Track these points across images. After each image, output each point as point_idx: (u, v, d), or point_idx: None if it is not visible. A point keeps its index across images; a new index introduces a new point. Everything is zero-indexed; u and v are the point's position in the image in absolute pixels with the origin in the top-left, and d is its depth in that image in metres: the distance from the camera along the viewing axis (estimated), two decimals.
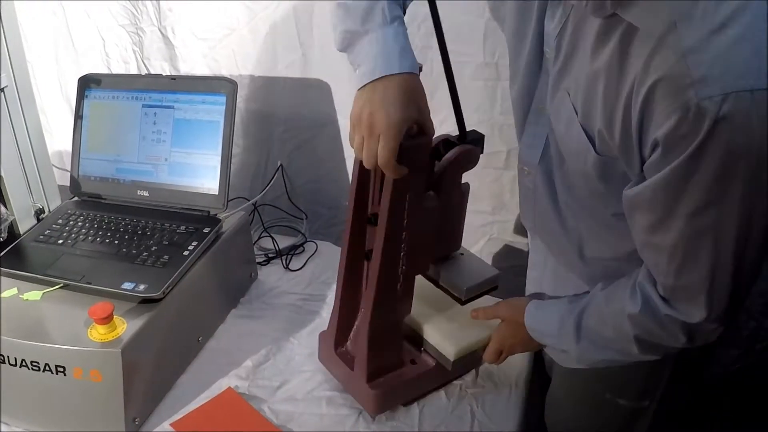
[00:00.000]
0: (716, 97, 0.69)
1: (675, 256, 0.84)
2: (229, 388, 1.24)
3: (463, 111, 1.55)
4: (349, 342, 1.23)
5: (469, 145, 1.07)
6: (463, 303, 1.19)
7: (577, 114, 0.90)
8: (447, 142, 1.09)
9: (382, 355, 1.17)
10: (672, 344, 0.94)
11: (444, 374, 1.24)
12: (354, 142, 0.98)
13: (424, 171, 1.05)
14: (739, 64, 0.70)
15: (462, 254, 1.23)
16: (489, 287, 1.21)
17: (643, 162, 0.81)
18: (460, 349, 1.20)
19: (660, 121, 0.74)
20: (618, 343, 0.99)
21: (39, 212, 1.44)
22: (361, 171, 1.08)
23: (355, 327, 1.21)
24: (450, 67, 0.99)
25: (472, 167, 1.10)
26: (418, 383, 1.22)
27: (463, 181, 1.14)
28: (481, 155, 1.58)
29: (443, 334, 1.22)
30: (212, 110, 1.39)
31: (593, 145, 0.88)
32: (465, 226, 1.71)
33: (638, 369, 1.12)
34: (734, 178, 0.74)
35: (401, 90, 0.93)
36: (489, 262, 1.50)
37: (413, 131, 0.98)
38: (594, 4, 0.80)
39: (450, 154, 1.06)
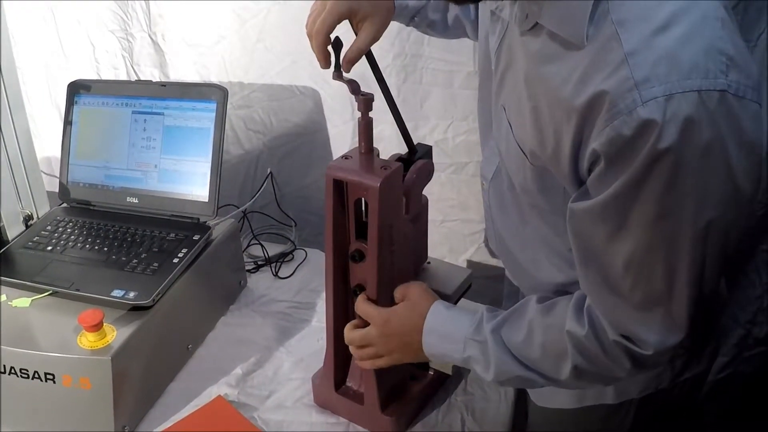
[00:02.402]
0: (660, 98, 0.65)
1: (629, 270, 0.77)
2: (219, 396, 1.23)
3: (453, 119, 1.58)
4: (348, 378, 1.21)
5: (423, 159, 1.08)
6: None
7: (512, 130, 0.88)
8: (399, 160, 1.08)
9: (389, 382, 1.17)
10: (612, 374, 0.88)
11: (443, 380, 1.26)
12: (308, 23, 1.00)
13: (401, 198, 1.05)
14: (685, 64, 0.66)
15: (429, 263, 1.23)
16: (467, 288, 1.22)
17: (577, 174, 0.77)
18: None
19: (600, 129, 0.69)
20: (545, 363, 0.91)
21: (27, 219, 1.43)
22: (336, 207, 1.04)
23: (352, 362, 1.20)
24: (388, 90, 1.01)
25: (429, 180, 1.11)
26: (423, 396, 1.23)
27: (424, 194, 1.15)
28: (470, 164, 1.61)
29: None
30: (202, 117, 1.39)
31: (527, 157, 0.85)
32: (454, 234, 1.73)
33: (599, 408, 1.08)
34: (685, 185, 0.69)
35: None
36: (477, 270, 1.51)
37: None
38: (518, 18, 0.80)
39: (412, 172, 1.05)
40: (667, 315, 0.79)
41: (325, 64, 1.00)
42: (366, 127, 1.03)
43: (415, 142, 1.10)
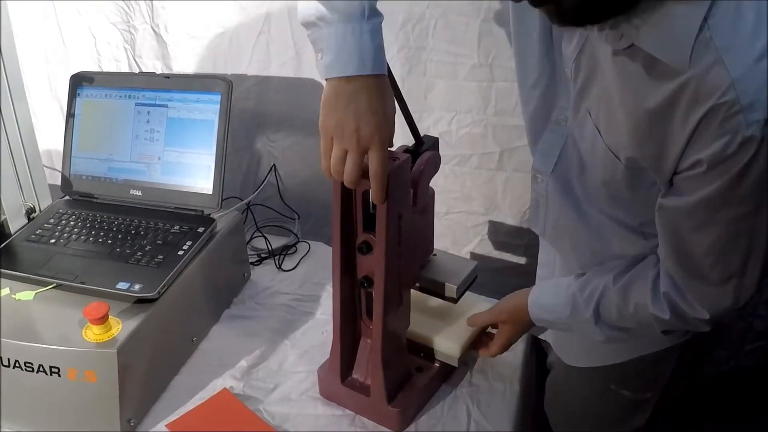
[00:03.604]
0: (762, 120, 0.73)
1: (710, 254, 0.87)
2: (225, 389, 1.23)
3: (457, 111, 1.57)
4: (354, 370, 1.21)
5: (430, 150, 1.07)
6: (455, 302, 1.20)
7: (601, 135, 0.92)
8: (407, 151, 1.07)
9: (395, 374, 1.17)
10: (695, 330, 1.00)
11: (448, 371, 1.26)
12: (333, 156, 0.92)
13: (409, 189, 1.05)
14: None
15: (435, 255, 1.23)
16: (472, 280, 1.22)
17: (673, 174, 0.84)
18: (463, 346, 1.21)
19: (707, 144, 0.77)
20: (641, 330, 1.04)
21: (30, 211, 1.42)
22: (344, 201, 1.04)
23: (358, 354, 1.20)
24: (395, 81, 0.99)
25: (437, 172, 1.11)
26: (429, 388, 1.23)
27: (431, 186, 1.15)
28: (474, 156, 1.60)
29: (444, 335, 1.23)
30: (206, 109, 1.38)
31: (620, 160, 0.91)
32: (457, 226, 1.73)
33: (642, 361, 1.16)
34: None
35: (382, 97, 0.89)
36: (482, 262, 1.50)
37: None
38: (611, 36, 0.82)
39: (419, 164, 1.05)
40: (740, 285, 0.88)
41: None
42: None
43: (397, 149, 1.09)
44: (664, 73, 0.78)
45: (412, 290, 1.20)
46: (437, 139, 1.10)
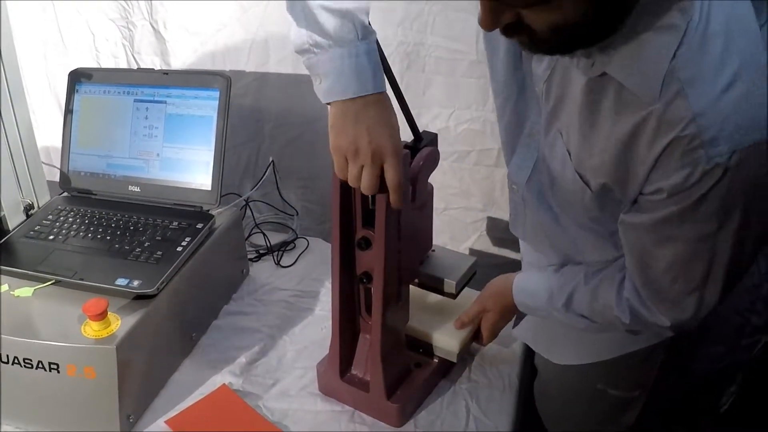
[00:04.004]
0: (725, 155, 0.73)
1: (671, 270, 0.87)
2: (224, 385, 1.23)
3: (455, 108, 1.57)
4: (353, 366, 1.22)
5: (429, 146, 1.07)
6: (454, 297, 1.20)
7: (570, 158, 0.92)
8: (406, 147, 1.07)
9: (394, 369, 1.17)
10: (659, 335, 1.05)
11: (447, 367, 1.27)
12: (350, 174, 0.94)
13: (408, 185, 1.04)
14: (747, 121, 0.73)
15: (433, 250, 1.24)
16: (471, 275, 1.23)
17: (638, 194, 0.85)
18: (462, 342, 1.22)
19: (668, 174, 0.78)
20: (610, 327, 1.04)
21: (28, 208, 1.42)
22: (343, 197, 1.05)
23: (357, 349, 1.20)
24: (394, 77, 1.01)
25: (436, 167, 1.11)
26: (428, 384, 1.24)
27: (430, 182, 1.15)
28: (472, 152, 1.61)
29: (442, 331, 1.23)
30: (205, 105, 1.38)
31: (588, 186, 0.91)
32: (455, 222, 1.73)
33: (629, 359, 1.15)
34: (733, 212, 0.78)
35: (387, 112, 0.92)
36: (480, 258, 1.50)
37: None
38: (582, 63, 0.82)
39: (418, 159, 1.05)
40: (700, 300, 0.89)
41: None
42: None
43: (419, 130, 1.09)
44: (632, 102, 0.78)
45: (411, 286, 1.20)
46: (436, 135, 1.10)
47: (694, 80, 0.74)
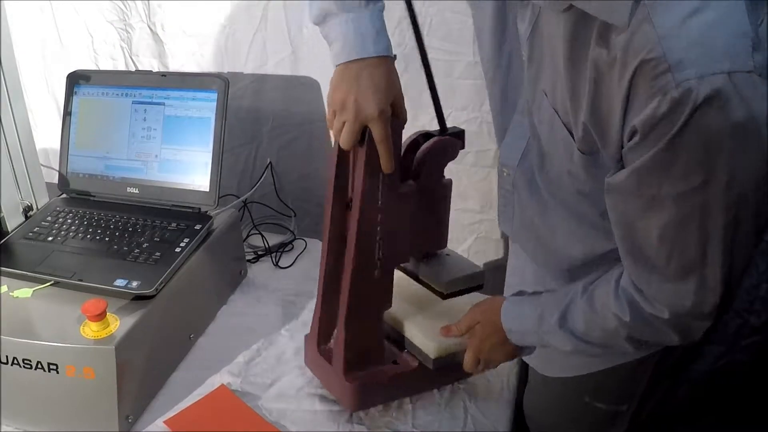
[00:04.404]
0: (692, 80, 0.69)
1: (663, 242, 0.82)
2: (222, 385, 1.24)
3: (452, 109, 1.57)
4: (332, 341, 1.22)
5: (447, 136, 1.09)
6: (444, 297, 1.18)
7: (557, 113, 0.90)
8: (427, 135, 1.11)
9: (361, 348, 1.15)
10: (663, 341, 0.95)
11: (426, 376, 1.21)
12: (334, 127, 1.02)
13: (399, 152, 1.07)
14: (716, 48, 0.70)
15: (448, 254, 1.23)
16: (472, 284, 1.21)
17: (621, 151, 0.81)
18: (441, 347, 1.17)
19: (639, 107, 0.74)
20: (609, 341, 0.98)
21: (27, 209, 1.43)
22: (340, 159, 1.09)
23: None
24: (428, 64, 1.05)
25: (451, 159, 1.12)
26: (398, 382, 1.20)
27: (449, 178, 1.16)
28: (469, 153, 1.61)
29: (425, 332, 1.20)
30: (203, 107, 1.39)
31: (572, 135, 0.89)
32: (453, 224, 1.72)
33: (616, 373, 1.12)
34: (716, 161, 0.74)
35: (382, 75, 0.99)
36: (477, 260, 1.51)
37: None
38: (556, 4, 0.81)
39: (427, 144, 1.07)
40: (702, 283, 0.83)
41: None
42: None
43: (418, 132, 1.10)
44: (604, 34, 0.77)
45: (418, 288, 1.20)
46: (463, 131, 1.12)
47: (659, 5, 0.72)
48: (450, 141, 1.08)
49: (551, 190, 1.01)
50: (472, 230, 1.73)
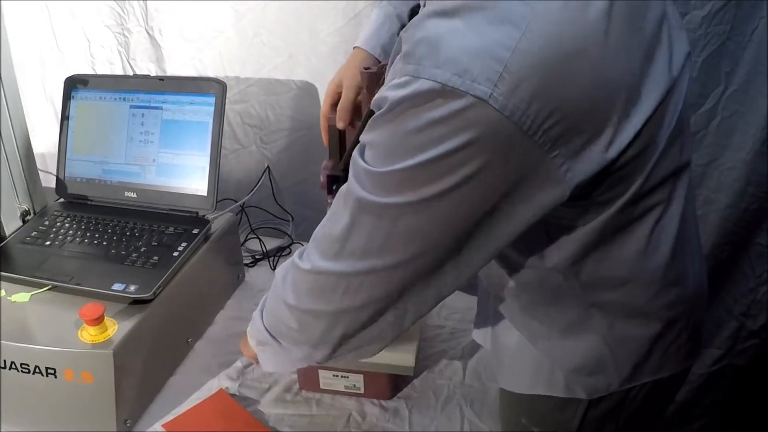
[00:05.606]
0: (410, 75, 0.65)
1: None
2: (221, 389, 1.24)
3: None
4: None
5: None
6: None
7: None
8: None
9: None
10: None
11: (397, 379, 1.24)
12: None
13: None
14: (443, 55, 0.63)
15: None
16: None
17: None
18: (415, 353, 1.18)
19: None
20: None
21: (25, 214, 1.43)
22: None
23: None
24: None
25: None
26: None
27: None
28: None
29: (391, 349, 1.15)
30: (201, 111, 1.39)
31: None
32: None
33: (547, 402, 1.02)
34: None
35: (349, 63, 1.17)
36: None
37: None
38: None
39: None
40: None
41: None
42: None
43: None
44: None
45: None
46: None
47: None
48: None
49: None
50: None
